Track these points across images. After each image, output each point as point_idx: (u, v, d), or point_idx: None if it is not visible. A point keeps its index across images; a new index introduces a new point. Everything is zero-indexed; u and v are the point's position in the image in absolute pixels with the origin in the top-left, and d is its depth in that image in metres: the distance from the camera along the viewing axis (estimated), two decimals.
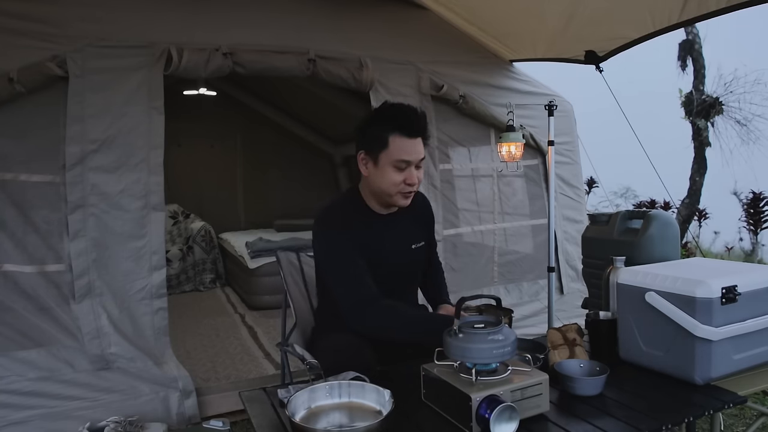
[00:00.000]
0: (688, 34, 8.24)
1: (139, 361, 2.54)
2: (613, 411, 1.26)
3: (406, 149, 1.62)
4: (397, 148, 1.62)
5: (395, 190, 1.66)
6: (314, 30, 3.03)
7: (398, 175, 1.64)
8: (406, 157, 1.62)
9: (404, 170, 1.64)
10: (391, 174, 1.63)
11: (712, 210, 8.75)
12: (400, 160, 1.62)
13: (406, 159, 1.62)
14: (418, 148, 1.65)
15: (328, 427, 1.19)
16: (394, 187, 1.65)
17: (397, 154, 1.62)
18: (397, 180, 1.64)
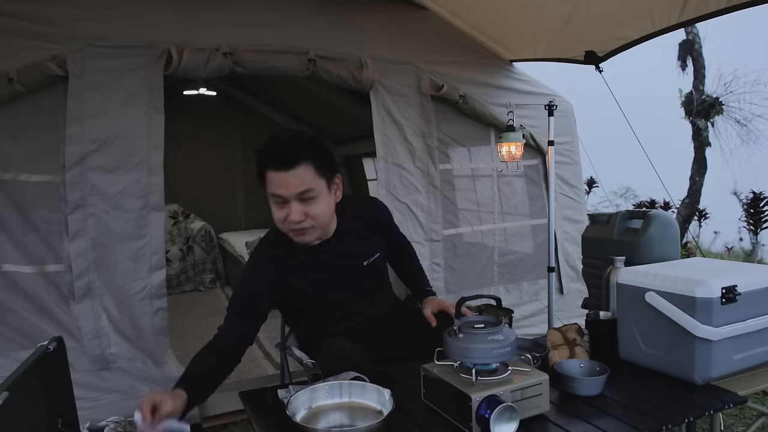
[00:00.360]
0: (688, 34, 8.24)
1: (139, 361, 2.54)
2: (613, 411, 1.26)
3: (276, 184, 1.50)
4: (270, 183, 1.51)
5: (284, 228, 1.56)
6: (314, 30, 3.03)
7: (280, 211, 1.53)
8: (277, 191, 1.50)
9: (283, 205, 1.52)
10: (275, 210, 1.55)
11: (712, 210, 8.76)
12: (273, 194, 1.52)
13: (277, 193, 1.50)
14: (291, 182, 1.48)
15: (329, 427, 1.19)
16: (281, 224, 1.56)
17: (270, 188, 1.52)
18: (279, 216, 1.54)
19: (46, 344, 1.12)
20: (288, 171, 1.47)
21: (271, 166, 1.49)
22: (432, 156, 3.33)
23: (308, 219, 1.53)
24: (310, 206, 1.52)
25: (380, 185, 3.19)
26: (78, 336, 2.46)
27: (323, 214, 1.56)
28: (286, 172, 1.48)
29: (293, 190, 1.49)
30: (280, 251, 1.62)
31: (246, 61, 2.78)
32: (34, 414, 1.03)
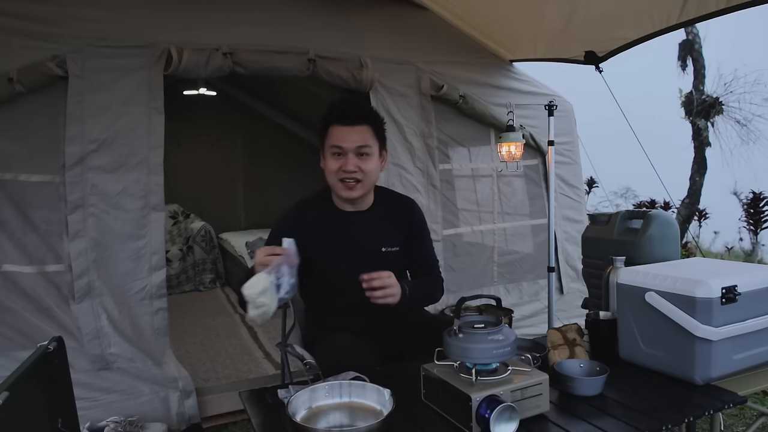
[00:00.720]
0: (688, 34, 8.24)
1: (139, 361, 2.54)
2: (613, 411, 1.26)
3: (339, 136, 1.69)
4: (333, 135, 1.70)
5: (335, 178, 1.71)
6: (314, 30, 3.03)
7: (335, 162, 1.70)
8: (339, 143, 1.68)
9: (340, 157, 1.69)
10: (329, 161, 1.71)
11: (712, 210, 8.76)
12: (334, 146, 1.69)
13: (339, 144, 1.68)
14: (353, 136, 1.68)
15: (329, 427, 1.19)
16: (333, 175, 1.71)
17: (332, 140, 1.70)
18: (334, 167, 1.70)
19: (46, 344, 1.11)
20: (352, 126, 1.68)
21: (338, 121, 1.69)
22: (432, 156, 3.34)
23: (360, 172, 1.69)
24: (363, 161, 1.70)
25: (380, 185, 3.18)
26: (78, 336, 2.46)
27: (372, 172, 1.73)
28: (350, 127, 1.68)
29: (353, 144, 1.68)
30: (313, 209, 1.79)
31: (246, 61, 2.78)
32: (34, 414, 1.03)
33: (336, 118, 1.70)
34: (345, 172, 1.68)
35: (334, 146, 1.69)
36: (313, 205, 1.82)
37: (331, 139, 1.70)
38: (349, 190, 1.71)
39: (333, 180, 1.72)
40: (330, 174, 1.72)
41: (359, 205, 1.79)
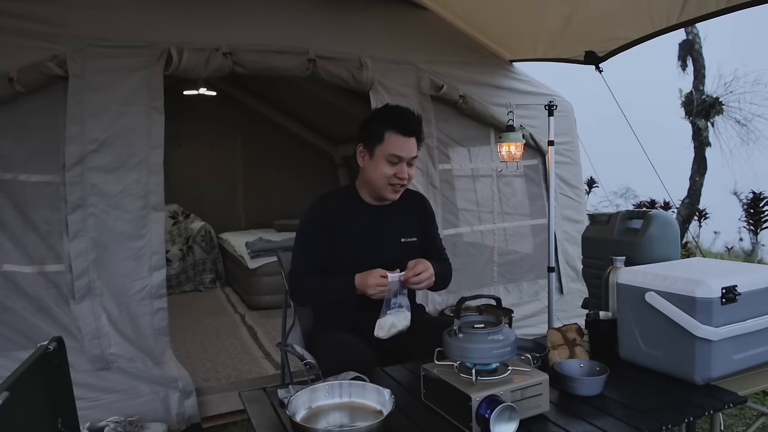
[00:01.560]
0: (688, 34, 8.24)
1: (139, 361, 2.54)
2: (613, 411, 1.26)
3: (399, 145, 1.78)
4: (391, 144, 1.78)
5: (385, 182, 1.81)
6: (314, 30, 3.03)
7: (390, 168, 1.79)
8: (399, 153, 1.78)
9: (396, 165, 1.79)
10: (383, 167, 1.79)
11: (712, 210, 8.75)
12: (392, 155, 1.78)
13: (398, 154, 1.78)
14: (411, 146, 1.80)
15: (329, 427, 1.19)
16: (384, 179, 1.80)
17: (390, 149, 1.78)
18: (388, 173, 1.79)
19: (46, 344, 1.11)
20: (410, 137, 1.80)
21: (397, 130, 1.78)
22: (432, 156, 3.34)
23: (408, 179, 1.83)
24: (411, 169, 1.84)
25: None
26: (78, 336, 2.46)
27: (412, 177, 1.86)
28: (409, 138, 1.79)
29: (410, 154, 1.80)
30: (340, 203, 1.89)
31: (246, 61, 2.78)
32: (34, 414, 1.03)
33: (396, 127, 1.78)
34: (398, 179, 1.80)
35: (393, 155, 1.78)
36: (339, 199, 1.92)
37: (389, 146, 1.78)
38: (396, 193, 1.85)
39: (382, 183, 1.82)
40: (381, 178, 1.81)
41: (383, 199, 1.90)
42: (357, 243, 1.85)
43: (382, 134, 1.78)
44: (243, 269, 4.90)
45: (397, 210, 1.93)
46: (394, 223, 1.91)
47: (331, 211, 1.86)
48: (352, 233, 1.85)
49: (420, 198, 2.07)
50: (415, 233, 1.95)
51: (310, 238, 1.85)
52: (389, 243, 1.89)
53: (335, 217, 1.85)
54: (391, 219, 1.91)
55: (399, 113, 1.82)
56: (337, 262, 1.85)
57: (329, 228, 1.84)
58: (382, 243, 1.88)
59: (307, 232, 1.86)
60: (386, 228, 1.90)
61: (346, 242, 1.84)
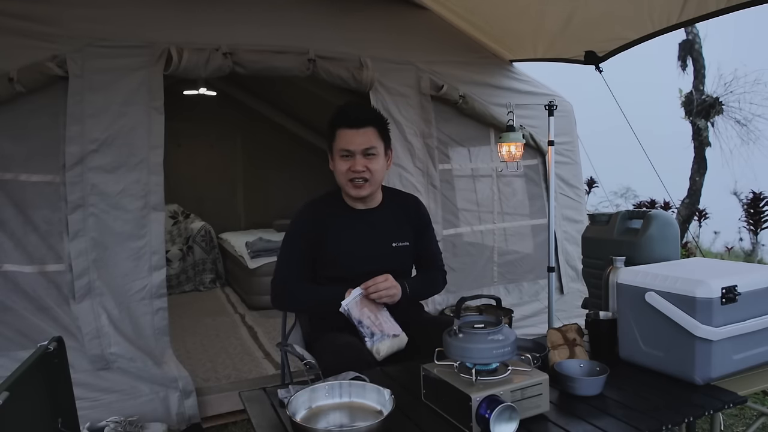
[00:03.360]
0: (688, 34, 8.24)
1: (139, 361, 2.54)
2: (613, 411, 1.26)
3: (347, 139, 1.78)
4: (341, 139, 1.79)
5: (344, 179, 1.80)
6: (314, 30, 3.03)
7: (344, 163, 1.79)
8: (347, 146, 1.78)
9: (348, 158, 1.78)
10: (339, 164, 1.80)
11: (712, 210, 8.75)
12: (342, 149, 1.79)
13: (347, 148, 1.78)
14: (360, 139, 1.78)
15: (329, 427, 1.19)
16: (343, 176, 1.80)
17: (340, 144, 1.79)
18: (343, 169, 1.79)
19: (46, 344, 1.11)
20: (358, 129, 1.77)
21: (344, 125, 1.78)
22: (432, 156, 3.33)
23: (367, 171, 1.79)
24: (371, 161, 1.79)
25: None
26: (78, 336, 2.46)
27: (379, 170, 1.82)
28: (356, 130, 1.77)
29: (360, 146, 1.77)
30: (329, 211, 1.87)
31: (246, 61, 2.78)
32: (34, 414, 1.03)
33: (342, 122, 1.78)
34: (354, 173, 1.77)
35: (343, 149, 1.78)
36: (324, 204, 1.89)
37: (339, 142, 1.79)
38: (358, 188, 1.80)
39: (343, 180, 1.81)
40: (340, 175, 1.81)
41: (369, 202, 1.88)
42: (346, 249, 1.83)
43: (334, 132, 1.81)
44: (243, 269, 4.90)
45: (385, 212, 1.91)
46: (383, 227, 1.88)
47: (318, 218, 1.85)
48: (339, 239, 1.83)
49: (412, 201, 2.03)
50: (407, 237, 1.92)
51: (293, 246, 1.84)
52: (380, 248, 1.86)
53: (322, 224, 1.83)
54: (378, 223, 1.88)
55: (346, 108, 1.82)
56: (328, 268, 1.84)
57: (316, 235, 1.82)
58: (373, 248, 1.85)
59: (292, 240, 1.85)
60: (374, 232, 1.87)
61: (335, 248, 1.83)
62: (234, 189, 6.54)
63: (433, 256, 2.02)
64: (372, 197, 1.88)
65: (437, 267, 2.02)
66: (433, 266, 2.02)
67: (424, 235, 1.99)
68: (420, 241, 1.97)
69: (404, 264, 1.94)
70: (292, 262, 1.84)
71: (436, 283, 2.00)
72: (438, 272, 2.02)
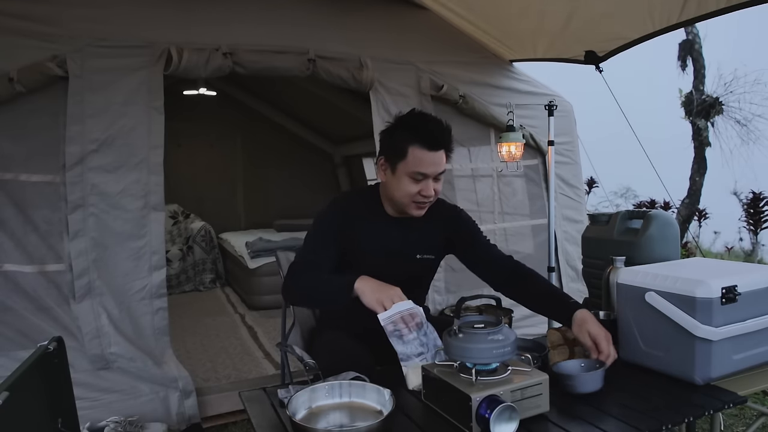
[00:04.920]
0: (688, 34, 8.25)
1: (139, 361, 2.54)
2: (613, 411, 1.26)
3: (424, 162, 1.60)
4: (416, 160, 1.59)
5: (409, 200, 1.65)
6: (314, 30, 3.03)
7: (414, 186, 1.62)
8: (423, 170, 1.60)
9: (420, 182, 1.62)
10: (406, 184, 1.62)
11: (712, 210, 8.76)
12: (416, 172, 1.60)
13: (423, 172, 1.60)
14: (437, 161, 1.61)
15: (329, 427, 1.19)
16: (408, 197, 1.64)
17: (414, 167, 1.60)
18: (412, 191, 1.62)
19: (46, 344, 1.11)
20: (437, 152, 1.61)
21: (424, 145, 1.58)
22: None
23: (436, 195, 1.66)
24: (438, 184, 1.66)
25: None
26: (78, 336, 2.46)
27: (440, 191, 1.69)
28: (435, 152, 1.60)
29: (438, 169, 1.62)
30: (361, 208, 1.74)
31: (246, 61, 2.78)
32: (34, 414, 1.03)
33: (421, 141, 1.59)
34: (423, 197, 1.63)
35: (418, 172, 1.60)
36: (360, 203, 1.77)
37: (413, 163, 1.59)
38: (421, 209, 1.68)
39: (406, 201, 1.65)
40: (404, 195, 1.64)
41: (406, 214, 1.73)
42: (374, 255, 1.71)
43: (405, 149, 1.59)
44: (243, 269, 4.90)
45: (419, 225, 1.76)
46: (414, 238, 1.76)
47: (353, 214, 1.72)
48: (370, 244, 1.71)
49: (450, 210, 1.86)
50: (434, 251, 1.80)
51: (325, 237, 1.68)
52: (403, 258, 1.75)
53: (356, 221, 1.71)
54: (412, 233, 1.76)
55: (424, 125, 1.63)
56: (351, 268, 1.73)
57: (347, 231, 1.69)
58: (397, 258, 1.73)
59: (323, 231, 1.69)
60: (402, 242, 1.75)
61: (364, 251, 1.71)
62: (234, 189, 6.55)
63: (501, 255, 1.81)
64: None
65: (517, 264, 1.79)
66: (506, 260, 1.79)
67: (476, 239, 1.82)
68: (472, 244, 1.81)
69: (425, 276, 1.86)
70: (317, 247, 1.68)
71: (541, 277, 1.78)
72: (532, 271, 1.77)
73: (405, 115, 1.70)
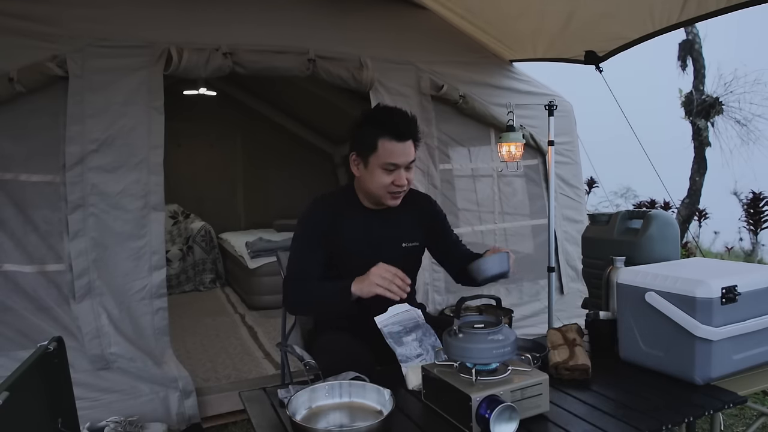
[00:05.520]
0: (688, 34, 8.24)
1: (139, 361, 2.54)
2: (613, 411, 1.26)
3: (394, 153, 1.67)
4: (386, 152, 1.67)
5: (384, 191, 1.71)
6: (314, 30, 3.03)
7: (387, 177, 1.69)
8: (394, 161, 1.67)
9: (392, 172, 1.69)
10: (380, 176, 1.69)
11: (712, 210, 8.75)
12: (388, 163, 1.67)
13: (394, 162, 1.67)
14: (407, 151, 1.69)
15: (329, 427, 1.19)
16: (383, 188, 1.71)
17: (385, 158, 1.67)
18: (385, 182, 1.69)
19: (46, 344, 1.11)
20: (405, 142, 1.68)
21: (392, 137, 1.66)
22: (432, 156, 3.34)
23: (408, 184, 1.73)
24: (410, 173, 1.73)
25: None
26: (78, 336, 2.46)
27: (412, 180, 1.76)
28: (403, 143, 1.68)
29: (407, 159, 1.69)
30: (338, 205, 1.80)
31: (246, 61, 2.78)
32: (34, 414, 1.03)
33: (389, 133, 1.66)
34: (397, 186, 1.70)
35: (389, 163, 1.67)
36: (336, 201, 1.82)
37: (384, 155, 1.67)
38: (396, 199, 1.74)
39: (381, 192, 1.71)
40: (379, 187, 1.70)
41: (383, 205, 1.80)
42: (354, 249, 1.76)
43: (375, 142, 1.66)
44: (243, 269, 4.90)
45: (398, 214, 1.84)
46: (395, 228, 1.83)
47: (334, 213, 1.77)
48: (353, 238, 1.77)
49: (425, 200, 1.97)
50: (418, 238, 1.87)
51: (311, 241, 1.74)
52: (390, 248, 1.80)
53: (337, 220, 1.76)
54: (391, 223, 1.83)
55: (390, 117, 1.70)
56: (338, 268, 1.78)
57: (331, 231, 1.74)
58: (384, 248, 1.78)
59: (308, 236, 1.75)
60: (386, 232, 1.81)
61: (349, 248, 1.76)
62: (234, 189, 6.55)
63: (458, 244, 1.99)
64: None
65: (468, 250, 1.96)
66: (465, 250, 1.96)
67: (444, 228, 1.96)
68: (442, 235, 1.95)
69: (412, 263, 1.91)
70: (304, 258, 1.74)
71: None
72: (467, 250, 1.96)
73: (371, 110, 1.82)
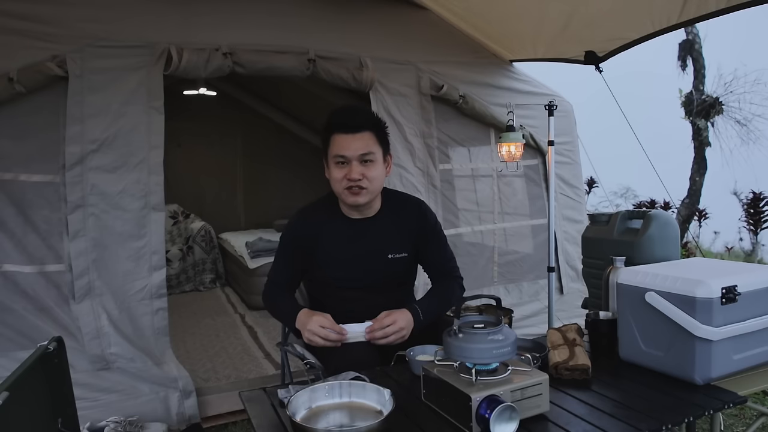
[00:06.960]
0: (688, 34, 8.25)
1: (139, 361, 2.54)
2: (613, 411, 1.26)
3: (342, 145, 1.68)
4: (336, 146, 1.69)
5: (340, 187, 1.70)
6: (314, 30, 3.03)
7: (340, 171, 1.69)
8: (343, 152, 1.67)
9: (345, 166, 1.68)
10: (334, 172, 1.70)
11: (712, 210, 8.76)
12: (336, 155, 1.69)
13: (342, 154, 1.67)
14: (356, 144, 1.67)
15: (329, 427, 1.19)
16: (338, 184, 1.70)
17: (335, 151, 1.69)
18: (339, 176, 1.69)
19: (46, 344, 1.11)
20: (354, 134, 1.67)
21: (339, 130, 1.68)
22: (432, 156, 3.34)
23: (365, 179, 1.67)
24: (368, 168, 1.68)
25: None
26: (78, 336, 2.46)
27: (377, 178, 1.71)
28: (352, 134, 1.67)
29: (356, 152, 1.67)
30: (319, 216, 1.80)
31: (246, 61, 2.78)
32: (34, 414, 1.03)
33: (337, 126, 1.69)
34: (350, 180, 1.67)
35: (337, 155, 1.68)
36: (318, 211, 1.81)
37: (334, 148, 1.69)
38: (355, 196, 1.69)
39: (339, 188, 1.70)
40: (335, 183, 1.71)
41: (366, 211, 1.78)
42: (336, 259, 1.76)
43: (328, 139, 1.71)
44: (243, 269, 4.90)
45: (383, 221, 1.79)
46: (379, 238, 1.78)
47: (311, 223, 1.78)
48: (331, 247, 1.76)
49: (416, 206, 1.87)
50: (406, 248, 1.80)
51: (285, 251, 1.81)
52: (374, 259, 1.77)
53: (314, 229, 1.77)
54: (375, 233, 1.78)
55: (340, 112, 1.72)
56: (318, 279, 1.81)
57: (307, 241, 1.76)
58: (366, 259, 1.76)
59: (284, 245, 1.82)
60: (370, 243, 1.77)
61: (325, 257, 1.76)
62: (234, 189, 6.54)
63: (444, 263, 1.88)
64: (369, 206, 1.76)
65: (450, 275, 1.88)
66: (445, 274, 1.88)
67: (431, 241, 1.85)
68: (428, 248, 1.85)
69: (404, 275, 1.86)
70: (279, 267, 1.83)
71: (451, 294, 1.83)
72: (452, 280, 1.87)
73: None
